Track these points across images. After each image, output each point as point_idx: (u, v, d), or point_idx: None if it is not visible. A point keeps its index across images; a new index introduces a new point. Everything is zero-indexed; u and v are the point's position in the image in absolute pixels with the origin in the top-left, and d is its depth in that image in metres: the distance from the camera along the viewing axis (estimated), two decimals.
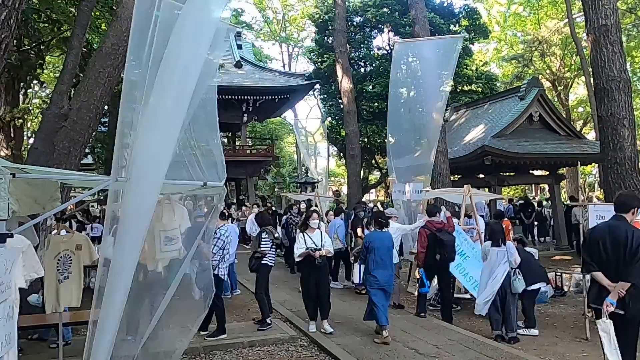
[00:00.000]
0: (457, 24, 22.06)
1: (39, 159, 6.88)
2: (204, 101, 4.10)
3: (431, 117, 10.80)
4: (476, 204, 8.82)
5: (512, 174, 15.70)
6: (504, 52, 31.56)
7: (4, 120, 12.66)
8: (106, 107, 9.85)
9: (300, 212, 11.95)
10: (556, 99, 26.70)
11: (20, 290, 2.95)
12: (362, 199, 19.79)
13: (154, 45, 3.50)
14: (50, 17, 11.35)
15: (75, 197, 7.25)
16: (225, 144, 26.95)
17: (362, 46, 22.81)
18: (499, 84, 25.13)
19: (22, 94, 14.76)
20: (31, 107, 15.74)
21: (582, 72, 21.71)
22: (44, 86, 17.30)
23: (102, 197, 11.97)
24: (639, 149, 8.07)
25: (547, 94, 17.74)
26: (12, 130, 13.39)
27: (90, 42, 11.92)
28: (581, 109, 29.30)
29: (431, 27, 15.53)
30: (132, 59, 3.72)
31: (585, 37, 11.93)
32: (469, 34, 21.66)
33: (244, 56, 25.58)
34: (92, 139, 11.06)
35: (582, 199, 8.11)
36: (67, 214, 11.45)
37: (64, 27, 11.55)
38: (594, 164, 20.67)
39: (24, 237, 3.31)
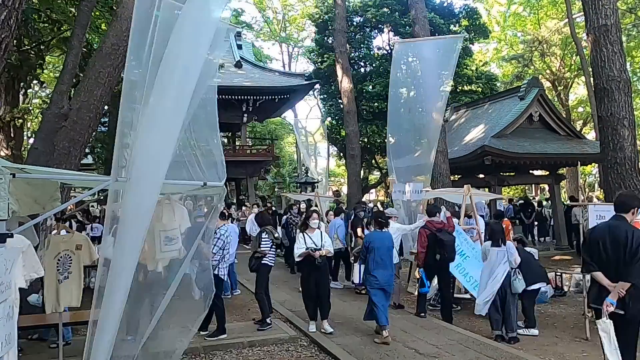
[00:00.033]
0: (457, 24, 22.05)
1: (39, 159, 6.89)
2: (204, 101, 4.10)
3: (431, 117, 10.80)
4: (476, 204, 8.82)
5: (512, 174, 15.70)
6: (504, 52, 31.56)
7: (4, 120, 12.66)
8: (106, 107, 9.86)
9: (300, 212, 11.93)
10: (556, 99, 26.70)
11: (20, 290, 2.96)
12: (362, 199, 19.78)
13: (154, 45, 3.50)
14: (50, 17, 11.35)
15: (75, 197, 7.25)
16: (225, 144, 26.95)
17: (362, 46, 22.81)
18: (499, 84, 25.13)
19: (22, 94, 14.76)
20: (31, 107, 15.74)
21: (582, 72, 21.71)
22: (44, 86, 17.30)
23: (102, 197, 11.97)
24: (639, 149, 8.08)
25: (547, 94, 17.74)
26: (12, 130, 13.39)
27: (90, 42, 11.92)
28: (581, 109, 29.30)
29: (431, 27, 15.53)
30: (132, 59, 3.72)
31: (585, 37, 11.92)
32: (469, 34, 21.66)
33: (244, 56, 25.57)
34: (92, 139, 11.06)
35: (582, 199, 8.12)
36: (67, 214, 11.45)
37: (64, 27, 11.55)
38: (594, 164, 20.67)
39: (23, 237, 3.31)
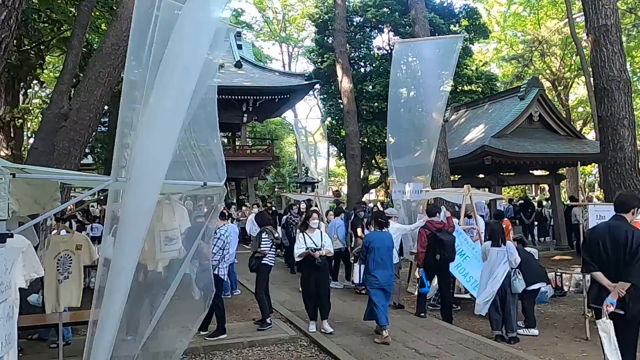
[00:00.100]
0: (457, 24, 22.05)
1: (39, 159, 6.88)
2: (204, 101, 4.10)
3: (431, 117, 10.79)
4: (476, 204, 8.82)
5: (512, 174, 15.70)
6: (504, 52, 31.56)
7: (4, 120, 12.66)
8: (106, 107, 9.85)
9: (300, 212, 11.94)
10: (556, 99, 26.70)
11: (20, 290, 2.96)
12: (362, 199, 19.79)
13: (154, 45, 3.51)
14: (50, 17, 11.35)
15: (75, 197, 7.25)
16: (225, 144, 26.96)
17: (362, 46, 22.81)
18: (499, 84, 25.13)
19: (22, 94, 14.75)
20: (31, 107, 15.74)
21: (582, 72, 21.71)
22: (44, 86, 17.29)
23: (102, 197, 11.97)
24: (639, 149, 8.08)
25: (547, 94, 17.74)
26: (12, 130, 13.39)
27: (90, 42, 11.92)
28: (581, 109, 29.30)
29: (431, 27, 15.53)
30: (132, 59, 3.72)
31: (585, 37, 11.92)
32: (469, 34, 21.66)
33: (244, 56, 25.57)
34: (92, 139, 11.06)
35: (582, 199, 8.12)
36: (67, 214, 11.45)
37: (64, 27, 11.55)
38: (594, 164, 20.67)
39: (23, 237, 3.31)
